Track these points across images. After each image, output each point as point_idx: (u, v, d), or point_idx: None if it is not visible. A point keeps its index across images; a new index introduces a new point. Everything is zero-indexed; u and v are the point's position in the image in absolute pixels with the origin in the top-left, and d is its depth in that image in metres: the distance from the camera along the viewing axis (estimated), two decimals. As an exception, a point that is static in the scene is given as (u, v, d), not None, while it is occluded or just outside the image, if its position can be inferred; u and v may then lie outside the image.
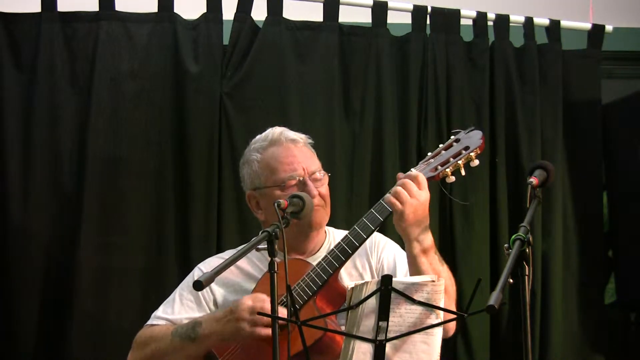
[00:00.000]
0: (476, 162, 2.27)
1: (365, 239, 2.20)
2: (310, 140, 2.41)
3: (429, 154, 2.31)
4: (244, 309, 2.11)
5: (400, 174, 2.24)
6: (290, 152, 2.33)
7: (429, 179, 2.24)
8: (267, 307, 2.04)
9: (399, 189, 2.16)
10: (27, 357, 2.87)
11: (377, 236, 2.37)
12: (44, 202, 2.91)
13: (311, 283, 2.17)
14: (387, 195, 2.19)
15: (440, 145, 2.32)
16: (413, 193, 2.15)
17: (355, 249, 2.20)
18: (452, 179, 2.26)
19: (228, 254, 2.35)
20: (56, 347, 2.88)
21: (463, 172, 2.27)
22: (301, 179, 2.29)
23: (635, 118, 3.42)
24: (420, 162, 2.29)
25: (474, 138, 2.28)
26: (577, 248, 3.36)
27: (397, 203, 2.15)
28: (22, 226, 2.89)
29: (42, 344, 2.88)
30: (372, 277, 2.31)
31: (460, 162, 2.25)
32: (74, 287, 2.87)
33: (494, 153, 3.25)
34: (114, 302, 2.91)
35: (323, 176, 2.35)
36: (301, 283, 2.17)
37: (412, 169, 2.25)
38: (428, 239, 2.19)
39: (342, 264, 2.20)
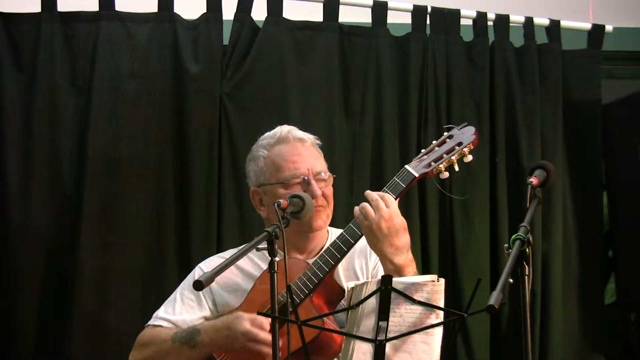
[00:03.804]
0: (469, 158, 2.27)
1: (360, 236, 2.21)
2: (318, 142, 2.43)
3: (423, 150, 2.32)
4: (240, 330, 2.10)
5: (367, 192, 2.22)
6: (297, 150, 2.34)
7: (422, 175, 2.25)
8: (262, 336, 2.06)
9: (364, 204, 2.17)
10: (27, 357, 2.87)
11: None
12: (44, 202, 2.91)
13: (307, 281, 2.17)
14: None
15: (434, 142, 2.32)
16: (380, 209, 2.14)
17: (350, 246, 2.20)
18: (446, 174, 2.26)
19: (229, 253, 2.36)
20: (56, 347, 2.88)
21: (457, 168, 2.27)
22: (305, 177, 2.30)
23: (635, 118, 3.42)
24: (414, 159, 2.30)
25: (467, 134, 2.28)
26: (577, 248, 3.36)
27: (361, 217, 2.16)
28: (22, 226, 2.89)
29: (42, 344, 2.88)
30: (368, 279, 2.31)
31: (453, 158, 2.25)
32: (74, 287, 2.87)
33: (494, 153, 3.25)
34: (114, 302, 2.91)
35: (328, 177, 2.35)
36: (298, 282, 2.18)
37: (405, 166, 2.26)
38: (400, 259, 2.14)
39: (338, 261, 2.20)
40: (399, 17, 3.25)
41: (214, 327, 2.20)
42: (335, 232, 2.40)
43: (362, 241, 2.27)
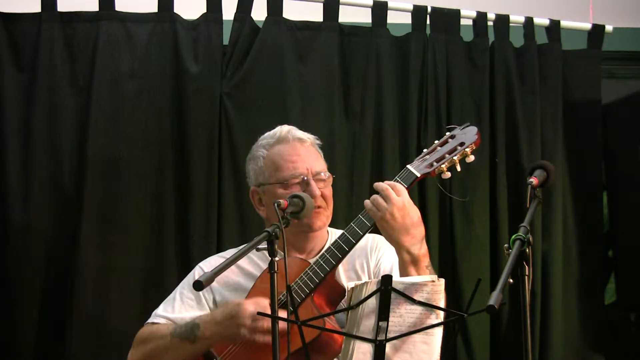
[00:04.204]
0: (472, 158, 2.27)
1: (361, 236, 2.20)
2: (318, 142, 2.43)
3: (425, 150, 2.31)
4: (245, 315, 2.10)
5: (376, 183, 2.22)
6: (296, 150, 2.34)
7: (424, 175, 2.24)
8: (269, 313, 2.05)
9: (375, 196, 2.16)
10: (27, 357, 2.87)
11: (379, 239, 2.36)
12: (44, 202, 2.91)
13: (309, 281, 2.17)
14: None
15: (436, 142, 2.32)
16: (390, 199, 2.14)
17: (352, 246, 2.20)
18: (448, 174, 2.26)
19: (229, 253, 2.36)
20: (56, 347, 2.88)
21: (459, 168, 2.27)
22: (304, 177, 2.30)
23: (635, 118, 3.42)
24: (416, 159, 2.29)
25: (469, 134, 2.28)
26: (577, 248, 3.36)
27: (374, 209, 2.15)
28: (22, 226, 2.89)
29: (42, 344, 2.88)
30: (369, 279, 2.31)
31: (455, 158, 2.25)
32: (74, 287, 2.87)
33: (494, 153, 3.25)
34: (114, 302, 2.91)
35: (327, 177, 2.35)
36: (299, 281, 2.18)
37: (407, 166, 2.25)
38: (417, 248, 2.14)
39: (339, 261, 2.20)
40: (399, 17, 3.25)
41: (213, 319, 2.19)
42: (335, 233, 2.39)
43: (363, 241, 2.27)
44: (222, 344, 2.20)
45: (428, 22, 3.24)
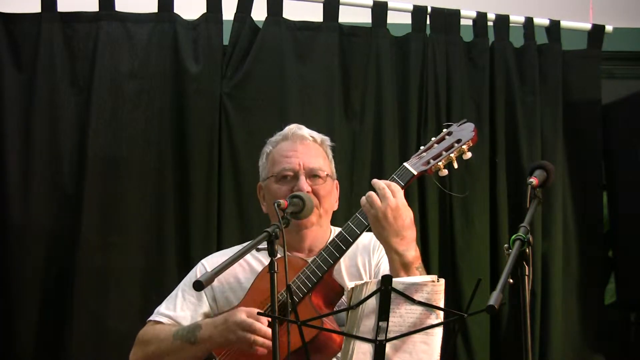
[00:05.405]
0: (469, 155, 2.24)
1: (359, 234, 2.19)
2: (329, 143, 2.43)
3: (422, 147, 2.28)
4: (235, 321, 2.11)
5: (374, 180, 2.21)
6: (294, 147, 2.36)
7: (421, 173, 2.22)
8: (257, 326, 2.06)
9: (371, 192, 2.15)
10: (27, 357, 2.87)
11: None
12: (44, 202, 2.91)
13: (306, 280, 2.17)
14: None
15: (433, 139, 2.28)
16: (386, 198, 2.13)
17: (349, 244, 2.19)
18: (445, 172, 2.23)
19: (232, 250, 2.35)
20: (56, 347, 2.88)
21: (456, 165, 2.23)
22: (295, 173, 2.30)
23: (635, 118, 3.41)
24: (413, 156, 2.26)
25: (466, 131, 2.25)
26: (577, 248, 3.36)
27: (367, 206, 2.14)
28: (22, 226, 2.89)
29: (42, 344, 2.88)
30: (370, 277, 2.31)
31: (452, 155, 2.21)
32: (74, 287, 2.87)
33: (494, 153, 3.25)
34: (114, 302, 2.92)
35: (325, 176, 2.34)
36: (296, 280, 2.18)
37: (404, 164, 2.24)
38: (409, 253, 2.12)
39: (336, 260, 2.19)
40: (399, 17, 3.25)
41: (213, 322, 2.20)
42: (337, 231, 2.39)
43: (365, 239, 2.27)
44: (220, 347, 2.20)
45: (428, 22, 3.24)
